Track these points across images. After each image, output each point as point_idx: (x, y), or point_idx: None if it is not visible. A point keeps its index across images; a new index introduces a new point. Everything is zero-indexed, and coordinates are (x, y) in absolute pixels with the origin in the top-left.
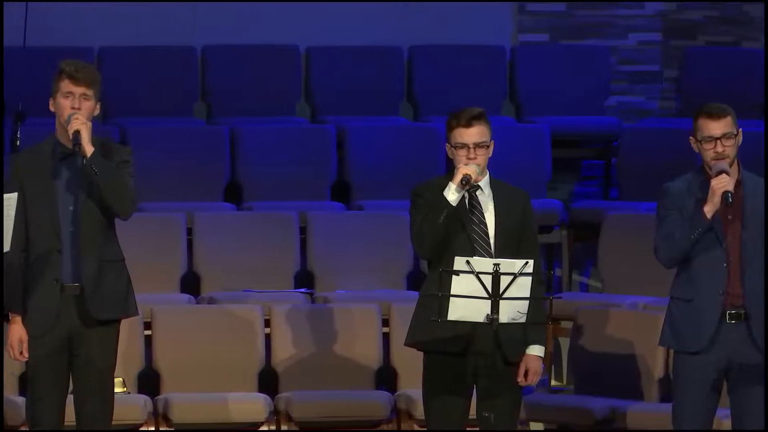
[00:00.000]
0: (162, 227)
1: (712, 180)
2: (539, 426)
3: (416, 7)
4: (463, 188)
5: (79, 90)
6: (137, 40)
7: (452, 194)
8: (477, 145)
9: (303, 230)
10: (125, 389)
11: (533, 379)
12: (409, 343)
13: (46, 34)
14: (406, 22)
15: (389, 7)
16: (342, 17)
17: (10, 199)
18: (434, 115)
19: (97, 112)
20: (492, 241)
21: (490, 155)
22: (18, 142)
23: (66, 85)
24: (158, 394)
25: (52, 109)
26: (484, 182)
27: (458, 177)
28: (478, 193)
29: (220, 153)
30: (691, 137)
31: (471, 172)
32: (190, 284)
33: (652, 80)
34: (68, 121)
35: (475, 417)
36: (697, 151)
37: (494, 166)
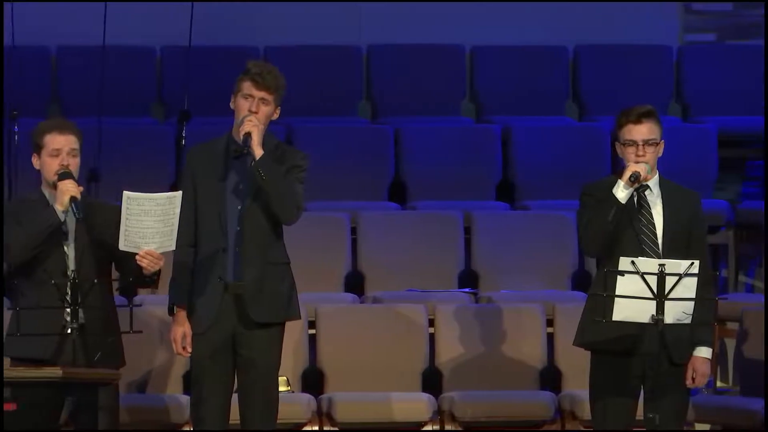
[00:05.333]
0: (326, 227)
1: None
2: (705, 427)
3: (581, 7)
4: (631, 186)
5: (259, 94)
6: (303, 40)
7: (621, 192)
8: (646, 143)
9: (467, 230)
10: (289, 388)
11: (701, 381)
12: (577, 342)
13: (212, 34)
14: (571, 22)
15: (554, 6)
16: (507, 17)
17: (175, 197)
18: (599, 114)
19: (276, 116)
20: (660, 241)
21: (660, 154)
22: (183, 141)
23: (247, 87)
24: (322, 393)
25: (232, 106)
26: (653, 182)
27: (627, 174)
28: (647, 192)
29: (384, 152)
30: None
31: (641, 170)
32: (354, 284)
33: None
34: (241, 122)
35: (642, 418)
36: None
37: (660, 166)
